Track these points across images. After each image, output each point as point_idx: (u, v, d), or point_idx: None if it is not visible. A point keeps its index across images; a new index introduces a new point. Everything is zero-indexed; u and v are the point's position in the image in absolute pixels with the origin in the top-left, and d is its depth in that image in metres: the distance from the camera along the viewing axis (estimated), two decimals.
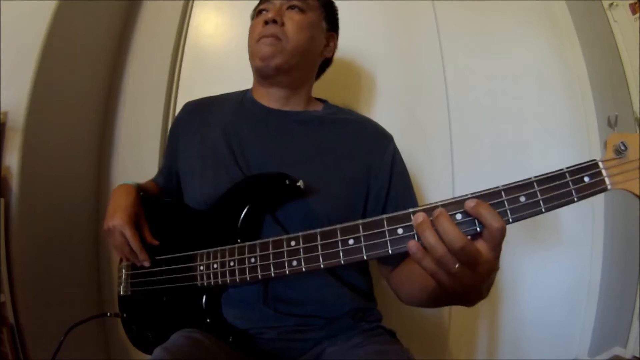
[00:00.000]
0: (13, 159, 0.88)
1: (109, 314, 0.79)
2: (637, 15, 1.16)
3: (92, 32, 1.12)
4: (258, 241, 0.56)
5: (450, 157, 1.19)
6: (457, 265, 0.40)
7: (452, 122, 1.20)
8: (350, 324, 0.68)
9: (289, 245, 0.53)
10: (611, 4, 1.21)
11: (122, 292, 0.75)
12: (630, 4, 1.18)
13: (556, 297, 1.24)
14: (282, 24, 0.71)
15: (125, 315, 0.76)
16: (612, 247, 1.24)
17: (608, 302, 1.24)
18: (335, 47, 0.83)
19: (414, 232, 0.44)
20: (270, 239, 0.55)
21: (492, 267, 0.42)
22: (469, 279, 0.41)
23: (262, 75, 0.74)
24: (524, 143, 1.23)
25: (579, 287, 1.26)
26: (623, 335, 1.26)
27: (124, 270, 0.75)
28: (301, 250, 0.51)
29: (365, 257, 0.47)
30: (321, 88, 0.88)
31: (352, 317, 0.69)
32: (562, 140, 1.27)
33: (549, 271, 1.23)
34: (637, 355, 1.20)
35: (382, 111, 1.19)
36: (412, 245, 0.42)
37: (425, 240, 0.41)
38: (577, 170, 0.41)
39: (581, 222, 1.25)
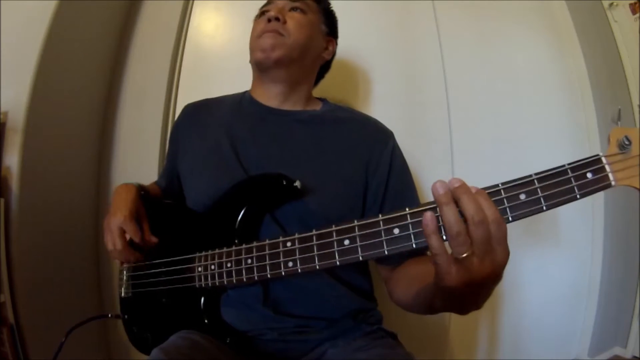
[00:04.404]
0: (13, 159, 0.88)
1: (110, 315, 0.80)
2: (637, 15, 1.16)
3: (92, 32, 1.12)
4: (255, 243, 0.56)
5: (450, 157, 1.19)
6: (466, 254, 0.38)
7: (452, 122, 1.20)
8: (351, 325, 0.68)
9: (285, 246, 0.53)
10: (611, 4, 1.21)
11: (123, 294, 0.75)
12: (630, 4, 1.18)
13: (556, 297, 1.24)
14: (284, 22, 0.73)
15: (126, 316, 0.76)
16: (612, 246, 1.24)
17: (608, 302, 1.24)
18: (333, 51, 0.84)
19: (410, 231, 0.43)
20: (267, 241, 0.55)
21: (496, 265, 0.39)
22: (471, 271, 0.38)
23: (261, 68, 0.75)
24: (524, 143, 1.23)
25: (579, 287, 1.26)
26: (623, 335, 1.26)
27: (125, 272, 0.76)
28: (297, 250, 0.51)
29: (360, 258, 0.46)
30: (321, 88, 0.88)
31: (353, 318, 0.68)
32: (562, 140, 1.27)
33: (549, 271, 1.23)
34: (637, 355, 1.20)
35: (382, 111, 1.19)
36: (428, 216, 0.39)
37: (445, 215, 0.38)
38: (580, 167, 0.40)
39: (581, 222, 1.25)
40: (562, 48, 1.30)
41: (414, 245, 0.43)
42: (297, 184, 0.61)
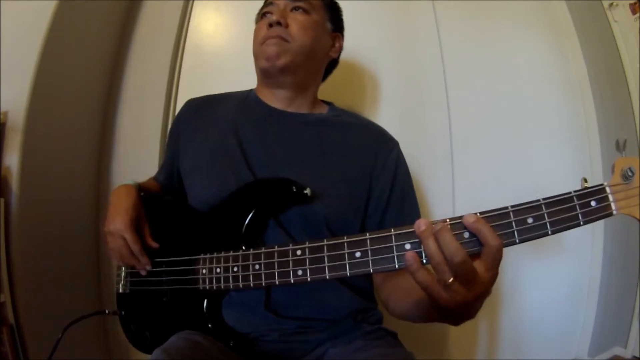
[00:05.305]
0: (13, 159, 0.88)
1: (107, 312, 0.79)
2: (637, 15, 1.16)
3: (92, 32, 1.12)
4: (263, 248, 0.56)
5: (450, 157, 1.19)
6: (451, 279, 0.40)
7: (452, 122, 1.20)
8: (351, 325, 0.68)
9: (294, 254, 0.52)
10: (611, 4, 1.21)
11: (120, 290, 0.75)
12: (630, 4, 1.18)
13: (556, 297, 1.24)
14: (287, 26, 0.71)
15: (123, 313, 0.75)
16: (612, 247, 1.24)
17: (608, 302, 1.24)
18: (340, 47, 0.83)
19: (422, 249, 0.43)
20: (276, 247, 0.54)
21: (485, 288, 0.42)
22: (462, 295, 0.41)
23: (267, 75, 0.74)
24: (524, 143, 1.23)
25: (579, 287, 1.26)
26: (623, 335, 1.26)
27: (123, 268, 0.75)
28: (307, 260, 0.51)
29: (371, 271, 0.47)
30: (321, 88, 0.88)
31: (353, 318, 0.68)
32: (562, 139, 1.27)
33: (549, 271, 1.23)
34: (637, 355, 1.20)
35: (382, 111, 1.19)
36: (409, 256, 0.42)
37: (427, 248, 0.41)
38: (585, 194, 0.41)
39: None
40: (562, 48, 1.30)
41: (424, 262, 0.44)
42: (308, 191, 0.60)
